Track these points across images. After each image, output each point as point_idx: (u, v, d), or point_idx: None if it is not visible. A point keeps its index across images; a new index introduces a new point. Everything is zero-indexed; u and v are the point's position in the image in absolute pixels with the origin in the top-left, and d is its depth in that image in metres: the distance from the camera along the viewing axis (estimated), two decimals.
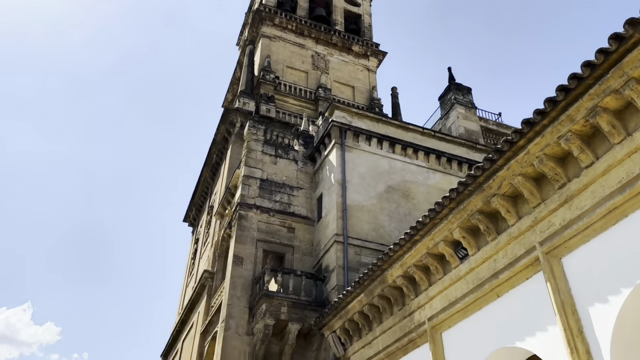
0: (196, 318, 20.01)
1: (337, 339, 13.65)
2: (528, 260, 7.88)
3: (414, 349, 10.62)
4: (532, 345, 7.57)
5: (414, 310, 10.87)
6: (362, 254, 16.29)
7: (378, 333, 12.09)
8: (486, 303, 8.71)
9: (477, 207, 8.82)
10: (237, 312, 15.24)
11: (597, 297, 6.66)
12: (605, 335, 6.45)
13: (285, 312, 14.75)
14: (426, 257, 10.20)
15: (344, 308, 13.12)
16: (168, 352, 25.28)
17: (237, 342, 14.67)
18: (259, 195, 17.93)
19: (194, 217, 30.40)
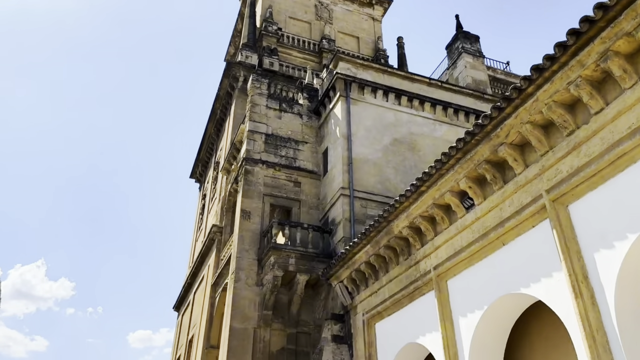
0: (206, 271, 20.47)
1: (345, 289, 13.95)
2: (534, 208, 7.89)
3: (420, 296, 10.83)
4: (537, 291, 7.69)
5: (419, 259, 11.02)
6: (368, 207, 16.40)
7: (384, 282, 12.32)
8: (492, 251, 8.80)
9: (484, 157, 8.77)
10: (246, 264, 15.56)
11: (603, 243, 6.70)
12: (610, 280, 6.52)
13: (293, 264, 15.04)
14: (432, 208, 10.25)
15: (351, 259, 13.34)
16: (180, 304, 26.05)
17: (247, 293, 15.05)
18: (265, 150, 17.91)
19: (201, 173, 30.57)
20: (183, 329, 23.73)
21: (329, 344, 13.41)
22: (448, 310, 9.70)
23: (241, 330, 14.39)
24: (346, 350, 13.41)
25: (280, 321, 15.13)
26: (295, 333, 15.18)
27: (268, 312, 14.98)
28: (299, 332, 15.23)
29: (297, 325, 15.31)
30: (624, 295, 6.44)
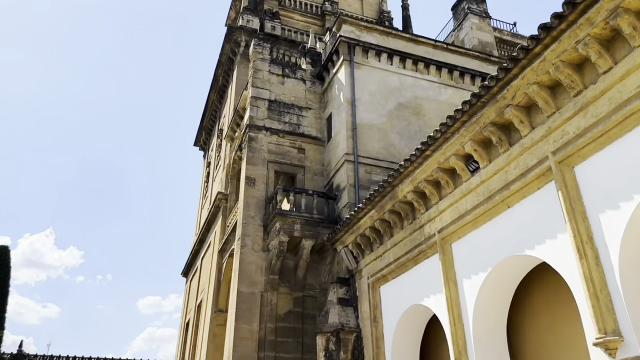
0: (213, 237, 20.70)
1: (350, 253, 14.10)
2: (540, 170, 7.85)
3: (424, 259, 10.94)
4: (541, 252, 7.73)
5: (424, 223, 11.07)
6: (373, 173, 16.39)
7: (389, 246, 12.42)
8: (496, 214, 8.81)
9: (490, 119, 8.68)
10: (252, 230, 15.70)
11: (608, 203, 6.68)
12: (615, 241, 6.53)
13: (299, 229, 15.16)
14: (437, 172, 10.22)
15: (356, 224, 13.42)
16: (188, 270, 26.47)
17: (254, 258, 15.25)
18: (268, 116, 17.79)
19: (204, 141, 30.52)
20: (191, 294, 24.19)
21: (335, 307, 13.65)
22: (452, 273, 9.80)
23: (248, 294, 14.65)
24: (352, 312, 13.65)
25: (287, 285, 15.37)
26: (302, 297, 15.44)
27: (274, 276, 15.20)
28: (305, 296, 15.49)
29: (304, 289, 15.56)
30: (629, 255, 6.46)
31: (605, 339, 6.28)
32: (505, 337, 9.13)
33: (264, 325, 14.45)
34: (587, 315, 6.66)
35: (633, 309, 6.22)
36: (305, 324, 15.01)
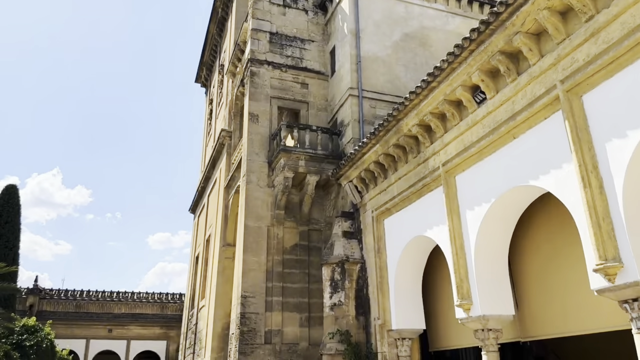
0: (218, 174, 20.84)
1: (354, 188, 14.21)
2: (548, 99, 7.71)
3: (428, 192, 11.02)
4: (546, 182, 7.75)
5: (428, 156, 11.05)
6: (377, 107, 16.18)
7: (393, 180, 12.49)
8: (501, 145, 8.76)
9: (498, 47, 8.42)
10: (257, 166, 15.76)
11: (615, 132, 6.60)
12: (620, 169, 6.51)
13: (303, 165, 15.20)
14: (443, 104, 10.07)
15: (360, 159, 13.43)
16: (196, 206, 26.90)
17: (260, 194, 15.42)
18: (270, 50, 17.36)
19: (206, 77, 30.01)
20: (200, 230, 24.72)
21: (340, 239, 13.95)
22: (455, 204, 9.89)
23: (255, 229, 14.94)
24: (356, 244, 13.96)
25: (293, 220, 15.63)
26: (307, 230, 15.74)
27: (280, 211, 15.43)
28: (310, 230, 15.79)
29: (309, 223, 15.84)
30: (633, 184, 6.46)
31: (605, 265, 6.42)
32: (506, 265, 9.36)
33: (271, 257, 14.85)
34: (588, 243, 6.77)
35: (634, 236, 6.30)
36: (311, 256, 15.41)
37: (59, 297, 35.95)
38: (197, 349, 20.24)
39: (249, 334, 13.68)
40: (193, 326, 21.93)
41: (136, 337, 35.61)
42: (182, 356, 23.98)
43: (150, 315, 37.01)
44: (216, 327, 17.28)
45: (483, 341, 9.04)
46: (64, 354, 26.46)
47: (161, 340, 36.22)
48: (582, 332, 8.16)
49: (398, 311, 12.09)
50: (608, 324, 7.50)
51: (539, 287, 9.11)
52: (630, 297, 6.28)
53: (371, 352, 12.51)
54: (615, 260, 6.35)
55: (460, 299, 9.32)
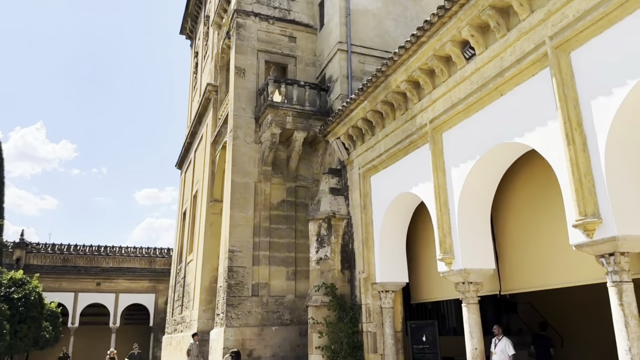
0: (205, 130, 20.64)
1: (342, 145, 14.21)
2: (536, 56, 7.66)
3: (415, 149, 11.06)
4: (530, 140, 7.81)
5: (416, 113, 11.03)
6: (367, 62, 15.98)
7: (380, 137, 12.50)
8: (489, 102, 8.76)
9: (489, 2, 8.28)
10: (244, 122, 15.62)
11: (601, 89, 6.62)
12: (603, 127, 6.57)
13: (291, 122, 15.10)
14: (432, 60, 9.97)
15: (348, 115, 13.37)
16: (182, 161, 26.75)
17: (246, 150, 15.35)
18: (256, 1, 16.88)
19: (191, 29, 29.19)
20: (187, 185, 24.68)
21: (327, 195, 14.06)
22: (441, 161, 9.96)
23: (242, 185, 14.97)
24: (342, 200, 14.09)
25: (280, 176, 15.66)
26: (294, 187, 15.81)
27: (267, 167, 15.42)
28: (297, 186, 15.86)
29: (296, 180, 15.89)
30: (616, 142, 6.54)
31: (584, 220, 6.57)
32: (488, 221, 9.55)
33: (259, 213, 14.95)
34: (569, 199, 6.90)
35: (614, 193, 6.43)
36: (298, 212, 15.54)
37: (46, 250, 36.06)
38: (185, 301, 20.61)
39: (236, 287, 13.94)
40: (181, 280, 22.25)
41: (125, 290, 36.11)
42: (171, 309, 24.43)
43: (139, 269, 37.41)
44: (204, 281, 17.56)
45: (464, 293, 9.32)
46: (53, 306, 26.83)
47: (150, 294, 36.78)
48: (558, 286, 8.45)
49: (382, 265, 12.37)
50: (584, 278, 7.76)
51: (519, 242, 9.34)
52: (607, 252, 6.48)
53: (355, 303, 12.86)
54: (595, 216, 6.50)
55: (442, 253, 9.54)
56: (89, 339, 36.04)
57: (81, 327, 35.38)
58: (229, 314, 13.63)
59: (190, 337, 16.74)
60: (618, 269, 6.40)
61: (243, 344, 13.47)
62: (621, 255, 6.41)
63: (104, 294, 35.71)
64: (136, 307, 36.80)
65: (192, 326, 17.94)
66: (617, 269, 6.41)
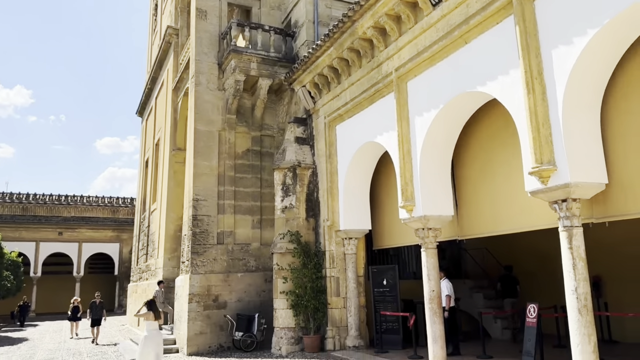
0: (166, 76, 19.95)
1: (307, 93, 14.02)
2: (501, 3, 7.60)
3: (380, 98, 11.03)
4: (492, 88, 7.87)
5: (382, 61, 10.92)
6: (334, 7, 15.58)
7: (346, 86, 12.38)
8: (454, 50, 8.73)
9: None
10: (206, 68, 15.14)
11: (563, 39, 6.67)
12: (563, 77, 6.66)
13: (255, 68, 14.72)
14: (399, 5, 9.78)
15: (314, 62, 13.12)
16: (143, 109, 25.94)
17: (210, 97, 14.97)
18: None
19: None
20: (148, 133, 24.06)
21: (292, 145, 13.98)
22: (405, 111, 9.99)
23: (206, 133, 14.68)
24: (308, 150, 14.06)
25: (244, 125, 15.41)
26: (260, 136, 15.63)
27: (232, 115, 15.13)
28: (263, 135, 15.68)
29: (261, 129, 15.68)
30: (573, 92, 6.66)
31: (540, 168, 6.77)
32: (449, 170, 9.75)
33: (223, 162, 14.78)
34: (527, 147, 7.07)
35: (569, 142, 6.62)
36: (263, 161, 15.45)
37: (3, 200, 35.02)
38: (150, 250, 20.56)
39: (201, 235, 13.95)
40: (145, 229, 22.09)
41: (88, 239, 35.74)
42: (136, 257, 24.37)
43: (102, 219, 36.93)
44: (168, 229, 17.48)
45: (423, 239, 9.62)
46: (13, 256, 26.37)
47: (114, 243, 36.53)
48: (513, 231, 8.79)
49: (346, 213, 12.57)
50: (537, 223, 8.09)
51: (477, 190, 9.59)
52: (560, 198, 6.74)
53: (319, 250, 13.13)
54: (550, 164, 6.70)
55: (404, 200, 9.73)
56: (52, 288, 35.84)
57: (44, 276, 35.04)
58: (194, 261, 13.70)
59: (155, 285, 16.82)
60: (569, 215, 6.68)
61: (209, 290, 13.65)
62: (573, 202, 6.68)
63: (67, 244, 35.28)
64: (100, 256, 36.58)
65: (157, 274, 18.01)
66: (568, 214, 6.69)
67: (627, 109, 6.79)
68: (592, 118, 6.85)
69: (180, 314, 13.92)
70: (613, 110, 6.92)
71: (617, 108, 6.89)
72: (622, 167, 6.78)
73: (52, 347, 16.43)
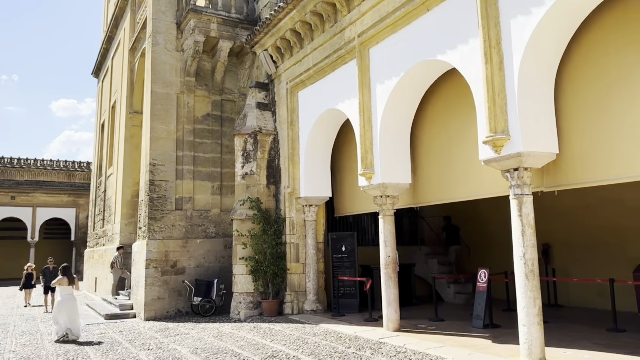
0: (123, 35, 19.12)
1: (269, 57, 13.73)
2: None
3: (343, 65, 10.91)
4: (452, 58, 7.88)
5: (345, 27, 10.76)
6: None
7: (309, 51, 12.17)
8: (416, 17, 8.66)
9: None
10: (164, 27, 14.57)
11: (521, 8, 6.68)
12: (520, 47, 6.71)
13: (216, 29, 14.27)
14: None
15: (276, 25, 12.80)
16: (99, 69, 24.91)
17: (167, 58, 14.46)
18: None
19: None
20: (105, 95, 23.19)
21: (253, 110, 13.75)
22: (367, 78, 9.93)
23: (164, 95, 14.24)
24: (270, 116, 13.87)
25: (204, 88, 15.01)
26: (220, 100, 15.28)
27: (191, 78, 14.69)
28: (223, 100, 15.34)
29: (222, 93, 15.33)
30: (530, 62, 6.73)
31: (494, 137, 6.89)
32: (408, 138, 9.82)
33: (182, 126, 14.42)
34: (483, 117, 7.16)
35: (524, 112, 6.73)
36: (224, 126, 15.16)
37: None
38: (107, 215, 20.11)
39: (159, 201, 13.70)
40: (102, 194, 21.54)
41: (42, 204, 34.63)
42: (93, 223, 23.82)
43: (57, 183, 35.76)
44: (125, 195, 17.10)
45: (381, 207, 9.74)
46: None
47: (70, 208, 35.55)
48: (467, 199, 8.99)
49: (307, 181, 12.56)
50: (490, 192, 8.28)
51: (434, 159, 9.68)
52: (512, 167, 6.89)
53: (280, 217, 13.13)
54: (504, 134, 6.82)
55: (364, 168, 9.78)
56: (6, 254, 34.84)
57: None
58: (152, 227, 13.49)
59: (113, 251, 16.53)
60: (520, 183, 6.86)
61: (167, 256, 13.52)
62: (525, 171, 6.85)
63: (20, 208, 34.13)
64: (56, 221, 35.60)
65: (115, 240, 17.68)
66: (519, 183, 6.86)
67: (579, 83, 6.93)
68: (547, 90, 6.97)
69: (138, 280, 13.77)
70: (566, 84, 7.06)
71: (570, 82, 7.03)
72: (573, 138, 6.97)
73: (4, 313, 16.04)
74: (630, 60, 6.30)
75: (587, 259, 11.77)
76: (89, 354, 8.95)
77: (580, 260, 11.96)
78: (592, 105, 6.75)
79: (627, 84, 6.34)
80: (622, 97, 6.39)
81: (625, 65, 6.36)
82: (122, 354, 8.77)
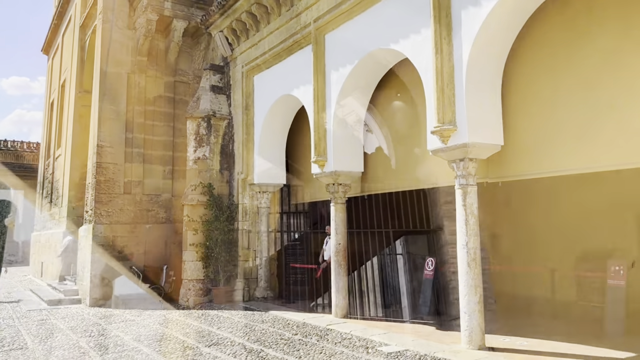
0: (74, 10, 18.26)
1: (225, 39, 13.41)
2: None
3: (298, 50, 10.76)
4: (404, 47, 7.87)
5: (301, 11, 10.59)
6: None
7: (265, 34, 11.95)
8: (372, 4, 8.58)
9: None
10: (116, 4, 14.01)
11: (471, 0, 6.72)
12: (469, 39, 6.75)
13: (170, 8, 13.83)
14: None
15: (232, 6, 12.50)
16: (49, 46, 23.78)
17: (118, 36, 13.92)
18: None
19: None
20: (54, 73, 22.17)
21: (207, 93, 13.43)
22: (322, 65, 9.82)
23: (114, 75, 13.71)
24: (224, 99, 13.58)
25: (157, 69, 14.55)
26: (173, 82, 14.86)
27: (143, 58, 14.20)
28: (177, 81, 14.92)
29: (175, 74, 14.90)
30: (477, 54, 6.78)
31: (442, 127, 6.94)
32: (361, 127, 9.79)
33: (132, 107, 13.95)
34: (432, 108, 7.20)
35: (470, 103, 6.80)
36: (176, 109, 14.76)
37: None
38: (54, 198, 19.33)
39: (106, 184, 13.24)
40: (50, 175, 20.67)
41: None
42: (40, 206, 22.87)
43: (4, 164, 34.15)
44: (73, 177, 16.46)
45: (333, 194, 9.71)
46: None
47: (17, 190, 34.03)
48: (414, 188, 9.10)
49: (261, 167, 12.41)
50: (437, 181, 8.39)
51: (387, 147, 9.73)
52: (458, 158, 6.97)
53: (233, 203, 12.94)
54: (451, 124, 6.88)
55: (317, 155, 9.72)
56: None
57: None
58: (99, 211, 13.04)
59: (59, 235, 15.92)
60: (465, 174, 6.95)
61: (114, 241, 13.12)
62: (470, 161, 6.94)
63: None
64: None
65: (62, 223, 17.03)
66: (465, 173, 6.95)
67: (525, 78, 7.04)
68: (494, 82, 7.06)
69: (84, 265, 13.32)
70: (513, 77, 7.16)
71: (516, 75, 7.13)
72: (519, 131, 7.09)
73: None
74: (578, 55, 6.43)
75: (531, 249, 12.14)
76: (26, 340, 8.59)
77: (524, 249, 12.31)
78: (538, 99, 6.87)
79: (575, 79, 6.44)
80: (569, 91, 6.49)
81: (573, 60, 6.47)
82: (61, 341, 8.46)
